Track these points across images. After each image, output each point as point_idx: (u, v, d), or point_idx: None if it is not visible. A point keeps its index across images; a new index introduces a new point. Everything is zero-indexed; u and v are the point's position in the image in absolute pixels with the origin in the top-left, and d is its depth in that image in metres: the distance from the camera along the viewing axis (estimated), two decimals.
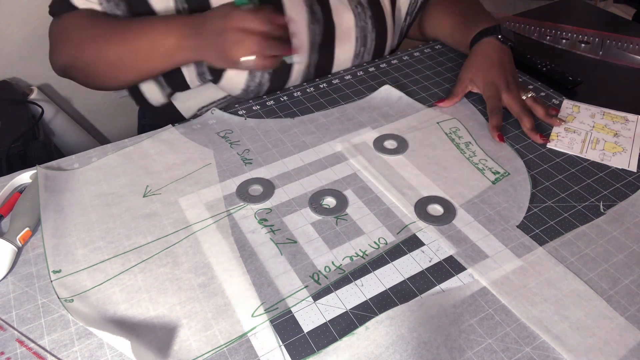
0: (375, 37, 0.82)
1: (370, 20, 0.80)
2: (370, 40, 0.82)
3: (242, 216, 0.58)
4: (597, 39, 0.92)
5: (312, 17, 0.75)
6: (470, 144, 0.67)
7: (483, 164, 0.64)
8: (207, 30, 0.64)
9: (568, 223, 0.57)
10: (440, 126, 0.71)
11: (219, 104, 0.80)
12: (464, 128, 0.70)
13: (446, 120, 0.71)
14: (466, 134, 0.69)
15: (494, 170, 0.63)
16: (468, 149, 0.67)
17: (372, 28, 0.81)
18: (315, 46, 0.78)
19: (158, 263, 0.52)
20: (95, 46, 0.67)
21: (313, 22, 0.75)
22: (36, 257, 0.53)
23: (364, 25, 0.80)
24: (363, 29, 0.80)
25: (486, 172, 0.63)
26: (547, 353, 0.45)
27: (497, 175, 0.62)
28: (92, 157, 0.66)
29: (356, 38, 0.80)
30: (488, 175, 0.63)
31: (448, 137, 0.69)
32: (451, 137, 0.69)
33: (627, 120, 0.72)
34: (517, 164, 0.64)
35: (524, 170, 0.62)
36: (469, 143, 0.68)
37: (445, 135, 0.69)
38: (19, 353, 0.45)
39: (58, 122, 1.13)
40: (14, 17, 1.05)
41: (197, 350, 0.45)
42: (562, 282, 0.50)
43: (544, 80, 0.80)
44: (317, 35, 0.77)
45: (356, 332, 0.46)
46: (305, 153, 0.66)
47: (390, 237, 0.55)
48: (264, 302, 0.49)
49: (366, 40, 0.82)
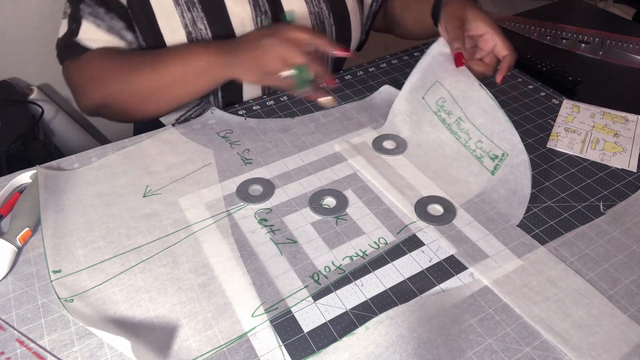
0: (334, 22, 0.77)
1: (325, 4, 0.76)
2: (329, 26, 0.77)
3: (242, 216, 0.58)
4: (597, 39, 0.92)
5: (257, 10, 0.72)
6: (462, 121, 0.63)
7: (480, 149, 0.61)
8: (245, 44, 0.64)
9: (568, 223, 0.57)
10: (426, 102, 0.66)
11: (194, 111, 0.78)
12: (449, 96, 0.64)
13: (430, 91, 0.66)
14: (453, 105, 0.64)
15: (492, 154, 0.60)
16: (461, 130, 0.63)
17: (328, 13, 0.77)
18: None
19: (158, 263, 0.52)
20: (127, 79, 0.66)
21: (258, 14, 0.72)
22: (36, 257, 0.53)
23: (318, 11, 0.76)
24: (318, 15, 0.76)
25: (484, 160, 0.61)
26: (547, 353, 0.45)
27: (495, 161, 0.60)
28: (92, 157, 0.66)
29: (312, 26, 0.76)
30: (487, 163, 0.60)
31: (437, 117, 0.65)
32: (441, 117, 0.65)
33: (627, 120, 0.72)
34: (514, 139, 0.58)
35: (521, 148, 0.57)
36: (459, 120, 0.63)
37: (435, 115, 0.66)
38: (19, 353, 0.45)
39: (58, 122, 1.13)
40: (14, 17, 1.05)
41: (197, 350, 0.45)
42: (563, 280, 0.50)
43: (544, 80, 0.80)
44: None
45: (356, 332, 0.46)
46: (305, 153, 0.66)
47: (390, 237, 0.55)
48: (264, 302, 0.49)
49: (324, 26, 0.77)
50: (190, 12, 0.70)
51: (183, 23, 0.70)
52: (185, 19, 0.70)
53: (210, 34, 0.71)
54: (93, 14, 0.69)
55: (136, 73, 0.67)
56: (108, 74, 0.68)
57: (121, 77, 0.67)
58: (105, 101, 0.69)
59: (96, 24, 0.69)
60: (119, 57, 0.69)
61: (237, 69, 0.64)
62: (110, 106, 0.70)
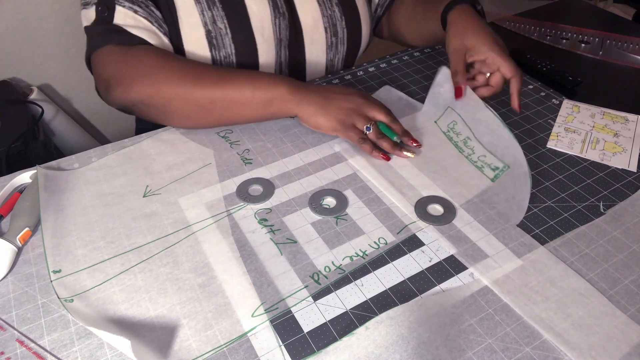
0: (345, 24, 0.79)
1: (337, 7, 0.78)
2: (341, 29, 0.79)
3: (242, 216, 0.58)
4: (597, 39, 0.92)
5: (276, 12, 0.74)
6: (469, 140, 0.67)
7: (482, 161, 0.64)
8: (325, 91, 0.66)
9: (568, 223, 0.57)
10: (437, 125, 0.71)
11: None
12: (460, 119, 0.69)
13: (442, 116, 0.71)
14: (464, 127, 0.68)
15: (493, 166, 0.63)
16: (467, 147, 0.66)
17: (340, 16, 0.78)
18: (284, 42, 0.76)
19: (158, 263, 0.52)
20: (190, 87, 0.64)
21: (277, 16, 0.74)
22: (36, 257, 0.53)
23: (331, 14, 0.78)
24: (331, 18, 0.78)
25: (485, 170, 0.63)
26: (547, 353, 0.45)
27: (496, 171, 0.62)
28: (92, 157, 0.65)
29: (325, 28, 0.78)
30: (487, 172, 0.63)
31: (446, 135, 0.69)
32: (449, 136, 0.68)
33: (627, 120, 0.72)
34: (517, 152, 0.61)
35: (523, 162, 0.59)
36: (467, 139, 0.67)
37: (443, 134, 0.69)
38: (19, 353, 0.45)
39: (58, 122, 1.13)
40: (14, 17, 1.05)
41: (197, 350, 0.45)
42: (563, 280, 0.50)
43: (544, 80, 0.80)
44: (282, 30, 0.75)
45: (356, 332, 0.46)
46: (305, 153, 0.66)
47: (390, 237, 0.55)
48: (264, 302, 0.49)
49: (336, 29, 0.79)
50: (211, 11, 0.70)
51: (203, 21, 0.70)
52: (205, 17, 0.70)
53: (230, 34, 0.71)
54: (130, 1, 0.67)
55: (201, 84, 0.64)
56: (164, 76, 0.64)
57: (179, 83, 0.64)
58: (148, 102, 0.65)
59: (133, 9, 0.67)
60: (181, 62, 0.67)
61: (303, 108, 0.65)
62: (154, 106, 0.66)
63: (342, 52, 0.82)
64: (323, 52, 0.80)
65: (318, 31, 0.78)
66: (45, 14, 1.07)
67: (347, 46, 0.82)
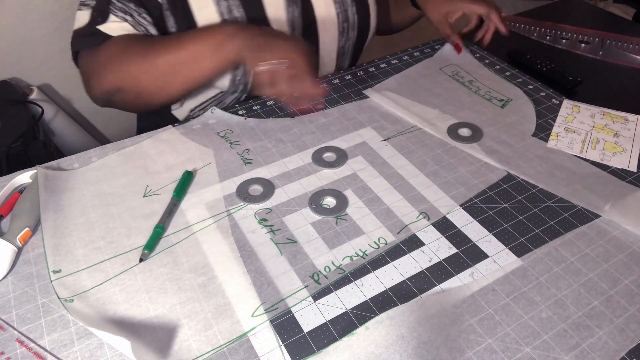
0: (356, 10, 0.81)
1: None
2: (352, 14, 0.81)
3: (242, 216, 0.58)
4: (597, 39, 0.92)
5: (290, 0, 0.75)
6: (473, 81, 0.79)
7: (489, 95, 0.76)
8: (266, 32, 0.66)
9: (568, 223, 0.57)
10: (443, 71, 0.82)
11: (209, 103, 0.79)
12: (463, 70, 0.82)
13: (446, 66, 0.83)
14: (466, 74, 0.81)
15: (499, 97, 0.76)
16: (472, 85, 0.79)
17: (351, 2, 0.80)
18: (298, 30, 0.77)
19: (158, 263, 0.52)
20: (142, 60, 0.65)
21: (290, 4, 0.74)
22: (36, 257, 0.53)
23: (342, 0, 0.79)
24: (342, 4, 0.79)
25: (493, 100, 0.75)
26: (547, 353, 0.45)
27: (502, 101, 0.75)
28: (92, 157, 0.65)
29: (337, 14, 0.79)
30: (495, 102, 0.75)
31: (452, 77, 0.80)
32: (455, 78, 0.81)
33: (627, 120, 0.72)
34: (517, 92, 0.77)
35: (522, 94, 0.76)
36: (472, 80, 0.80)
37: (449, 76, 0.80)
38: (19, 353, 0.45)
39: (58, 122, 1.13)
40: (13, 17, 1.05)
41: (197, 350, 0.45)
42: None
43: (544, 80, 0.80)
44: (296, 18, 0.76)
45: (356, 332, 0.46)
46: (305, 153, 0.66)
47: (390, 237, 0.55)
48: (264, 302, 0.49)
49: (347, 14, 0.81)
50: (227, 1, 0.70)
51: (219, 11, 0.70)
52: (221, 7, 0.70)
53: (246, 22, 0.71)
54: (122, 10, 0.67)
55: (151, 53, 0.65)
56: (124, 57, 0.66)
57: (136, 58, 0.65)
58: (119, 85, 0.66)
59: (124, 19, 0.67)
60: (135, 40, 0.67)
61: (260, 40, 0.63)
62: (124, 91, 0.67)
63: (352, 38, 0.84)
64: (335, 38, 0.82)
65: (330, 17, 0.79)
66: (45, 14, 1.07)
67: (357, 31, 0.84)
